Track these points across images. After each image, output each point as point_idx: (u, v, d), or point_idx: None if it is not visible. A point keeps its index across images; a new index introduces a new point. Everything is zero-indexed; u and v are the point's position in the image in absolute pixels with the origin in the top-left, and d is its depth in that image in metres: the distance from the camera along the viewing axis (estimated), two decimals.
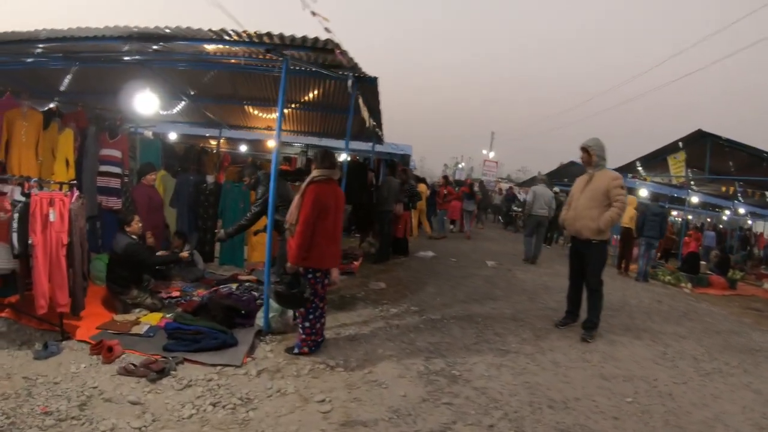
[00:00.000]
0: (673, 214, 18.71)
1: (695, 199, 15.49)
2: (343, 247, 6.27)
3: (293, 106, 7.34)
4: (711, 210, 20.13)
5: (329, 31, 3.57)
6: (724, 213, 19.58)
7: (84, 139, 5.28)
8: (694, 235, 13.85)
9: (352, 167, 7.51)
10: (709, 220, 23.00)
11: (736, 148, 9.68)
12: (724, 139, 9.50)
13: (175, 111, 7.36)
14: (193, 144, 8.37)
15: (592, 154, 4.66)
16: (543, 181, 10.25)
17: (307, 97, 6.99)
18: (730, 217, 20.16)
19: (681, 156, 10.29)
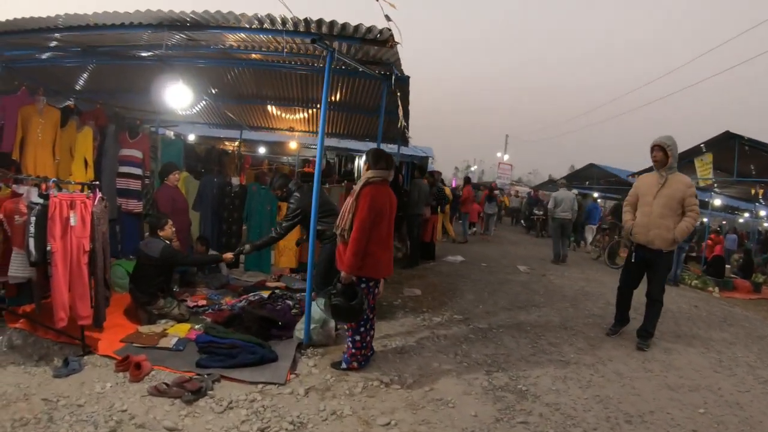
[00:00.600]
0: None
1: (717, 202, 15.07)
2: None
3: (319, 106, 7.01)
4: (729, 213, 19.61)
5: (390, 19, 3.18)
6: (743, 215, 19.09)
7: (103, 138, 4.97)
8: (715, 238, 13.56)
9: None
10: (724, 223, 22.44)
11: (761, 149, 9.35)
12: (746, 139, 9.18)
13: (195, 111, 7.04)
14: (214, 145, 8.05)
15: (669, 154, 4.22)
16: (564, 185, 10.36)
17: (333, 97, 6.69)
18: (746, 220, 19.69)
19: (708, 158, 9.96)
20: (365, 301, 3.18)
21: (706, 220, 18.32)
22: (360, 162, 10.77)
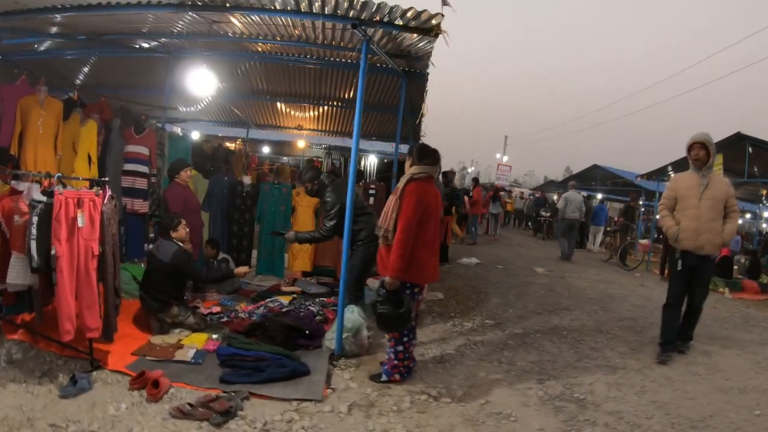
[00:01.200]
0: None
1: None
2: None
3: (334, 103, 6.74)
4: None
5: (446, 3, 2.89)
6: (744, 216, 19.07)
7: (108, 133, 4.62)
8: None
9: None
10: None
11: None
12: (752, 139, 9.07)
13: (200, 107, 6.71)
14: (221, 143, 7.72)
15: (711, 152, 3.98)
16: (573, 187, 10.83)
17: (347, 94, 6.41)
18: (746, 221, 19.66)
19: (719, 159, 9.83)
20: (412, 308, 2.87)
21: None
22: (367, 162, 10.49)
